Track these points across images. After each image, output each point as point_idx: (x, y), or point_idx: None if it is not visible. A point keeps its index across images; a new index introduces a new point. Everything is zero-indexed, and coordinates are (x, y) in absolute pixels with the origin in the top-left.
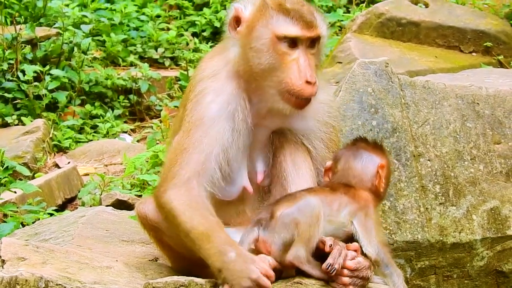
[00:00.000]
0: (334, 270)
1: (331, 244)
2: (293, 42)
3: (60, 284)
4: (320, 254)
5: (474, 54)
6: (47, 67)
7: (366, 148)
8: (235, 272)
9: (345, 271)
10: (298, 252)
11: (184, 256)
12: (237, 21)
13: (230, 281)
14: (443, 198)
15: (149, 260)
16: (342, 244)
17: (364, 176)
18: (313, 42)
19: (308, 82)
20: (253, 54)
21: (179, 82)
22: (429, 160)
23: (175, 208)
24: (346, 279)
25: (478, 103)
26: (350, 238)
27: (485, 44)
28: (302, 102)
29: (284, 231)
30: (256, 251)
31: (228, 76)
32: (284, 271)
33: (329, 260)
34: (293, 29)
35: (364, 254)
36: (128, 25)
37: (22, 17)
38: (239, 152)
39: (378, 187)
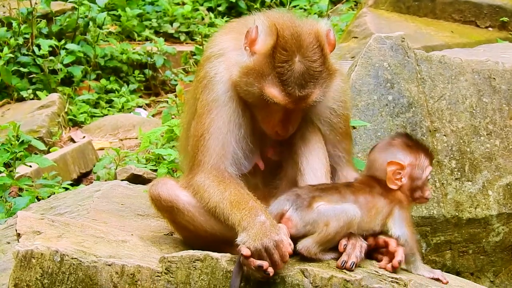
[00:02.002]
0: (352, 264)
1: (346, 244)
2: (275, 104)
3: (75, 258)
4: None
5: (490, 29)
6: (63, 41)
7: (395, 141)
8: (260, 232)
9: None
10: (310, 246)
11: (198, 236)
12: (248, 41)
13: (250, 239)
14: (459, 173)
15: (165, 234)
16: (356, 237)
17: (380, 172)
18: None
19: (278, 134)
20: (242, 87)
21: (194, 57)
22: (445, 135)
23: (209, 185)
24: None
25: (494, 78)
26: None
27: (501, 19)
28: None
29: (312, 224)
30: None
31: (234, 61)
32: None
33: (343, 257)
34: (280, 98)
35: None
36: (143, 0)
37: None
38: (251, 129)
39: (388, 184)
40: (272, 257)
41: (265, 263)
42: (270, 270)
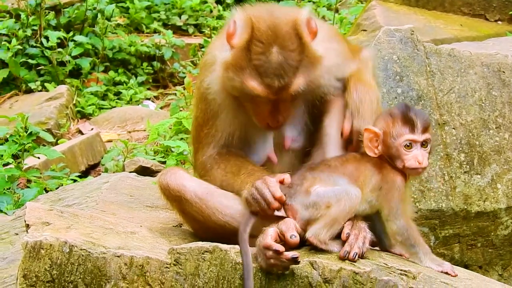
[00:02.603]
0: (355, 255)
1: (348, 233)
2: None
3: (84, 249)
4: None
5: (499, 22)
6: (71, 33)
7: (385, 111)
8: (253, 181)
9: None
10: (319, 232)
11: (206, 226)
12: (227, 36)
13: (247, 191)
14: (468, 166)
15: (173, 226)
16: (361, 226)
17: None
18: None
19: (269, 126)
20: (226, 83)
21: (203, 49)
22: (454, 128)
23: (211, 165)
24: None
25: (504, 72)
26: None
27: (510, 12)
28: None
29: (314, 206)
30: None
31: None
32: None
33: (346, 248)
34: (259, 90)
35: None
36: None
37: None
38: (254, 129)
39: (366, 151)
40: (263, 194)
41: (281, 247)
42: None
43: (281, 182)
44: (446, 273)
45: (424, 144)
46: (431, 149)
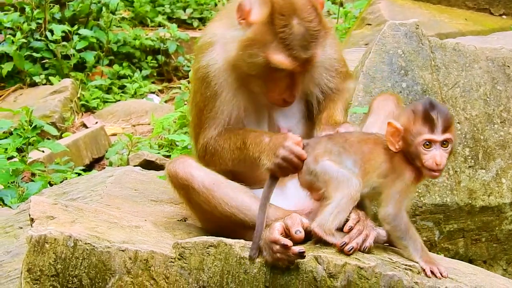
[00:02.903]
0: (351, 249)
1: (351, 226)
2: (283, 70)
3: (89, 243)
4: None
5: (504, 16)
6: (75, 27)
7: (411, 106)
8: (270, 149)
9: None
10: (324, 222)
11: (213, 217)
12: (242, 14)
13: (267, 161)
14: (473, 161)
15: (178, 220)
16: (368, 224)
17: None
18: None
19: (285, 101)
20: (246, 61)
21: None
22: (458, 123)
23: (213, 143)
24: None
25: (508, 66)
26: None
27: None
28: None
29: (315, 175)
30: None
31: (229, 40)
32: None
33: (345, 239)
34: (287, 63)
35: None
36: None
37: None
38: (251, 115)
39: (388, 144)
40: (292, 161)
41: (289, 242)
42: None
43: (296, 144)
44: (432, 272)
45: (444, 143)
46: (453, 149)
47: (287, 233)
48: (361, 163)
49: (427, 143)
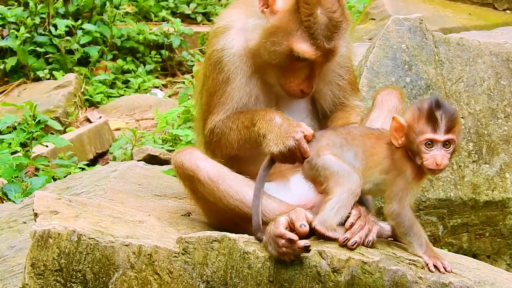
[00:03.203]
0: (354, 243)
1: (352, 222)
2: (305, 59)
3: (92, 238)
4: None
5: (508, 11)
6: (79, 21)
7: (418, 102)
8: (280, 135)
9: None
10: (326, 218)
11: (217, 209)
12: (265, 2)
13: (272, 143)
14: (476, 156)
15: (182, 215)
16: (370, 219)
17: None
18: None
19: (302, 92)
20: (268, 49)
21: None
22: (462, 117)
23: (221, 125)
24: None
25: None
26: None
27: None
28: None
29: (317, 170)
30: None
31: (249, 28)
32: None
33: (347, 234)
34: (311, 53)
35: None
36: None
37: None
38: (259, 105)
39: (391, 138)
40: (295, 155)
41: (294, 236)
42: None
43: (306, 138)
44: (435, 267)
45: (447, 144)
46: (455, 149)
47: (291, 228)
48: (363, 157)
49: (429, 142)
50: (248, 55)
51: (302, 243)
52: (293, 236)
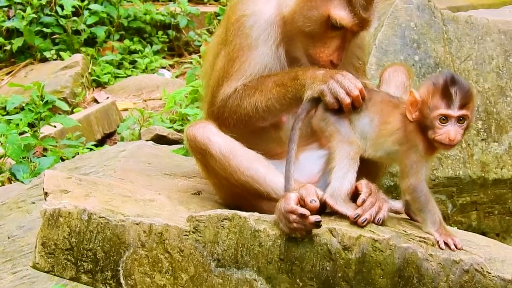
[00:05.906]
0: (365, 220)
1: (364, 199)
2: (341, 27)
3: (103, 217)
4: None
5: None
6: (86, 1)
7: (434, 76)
8: (326, 74)
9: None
10: (333, 189)
11: (228, 184)
12: None
13: (323, 83)
14: (485, 134)
15: (192, 194)
16: (380, 197)
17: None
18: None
19: (332, 63)
20: (303, 14)
21: (218, 18)
22: None
23: (240, 90)
24: None
25: None
26: None
27: None
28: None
29: (327, 125)
30: None
31: (274, 1)
32: None
33: (358, 211)
34: (347, 20)
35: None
36: None
37: None
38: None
39: (406, 111)
40: (344, 100)
41: (306, 211)
42: None
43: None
44: (446, 244)
45: (461, 120)
46: (469, 125)
47: (302, 204)
48: (377, 124)
49: (443, 118)
50: (279, 22)
51: (313, 218)
52: (305, 211)
